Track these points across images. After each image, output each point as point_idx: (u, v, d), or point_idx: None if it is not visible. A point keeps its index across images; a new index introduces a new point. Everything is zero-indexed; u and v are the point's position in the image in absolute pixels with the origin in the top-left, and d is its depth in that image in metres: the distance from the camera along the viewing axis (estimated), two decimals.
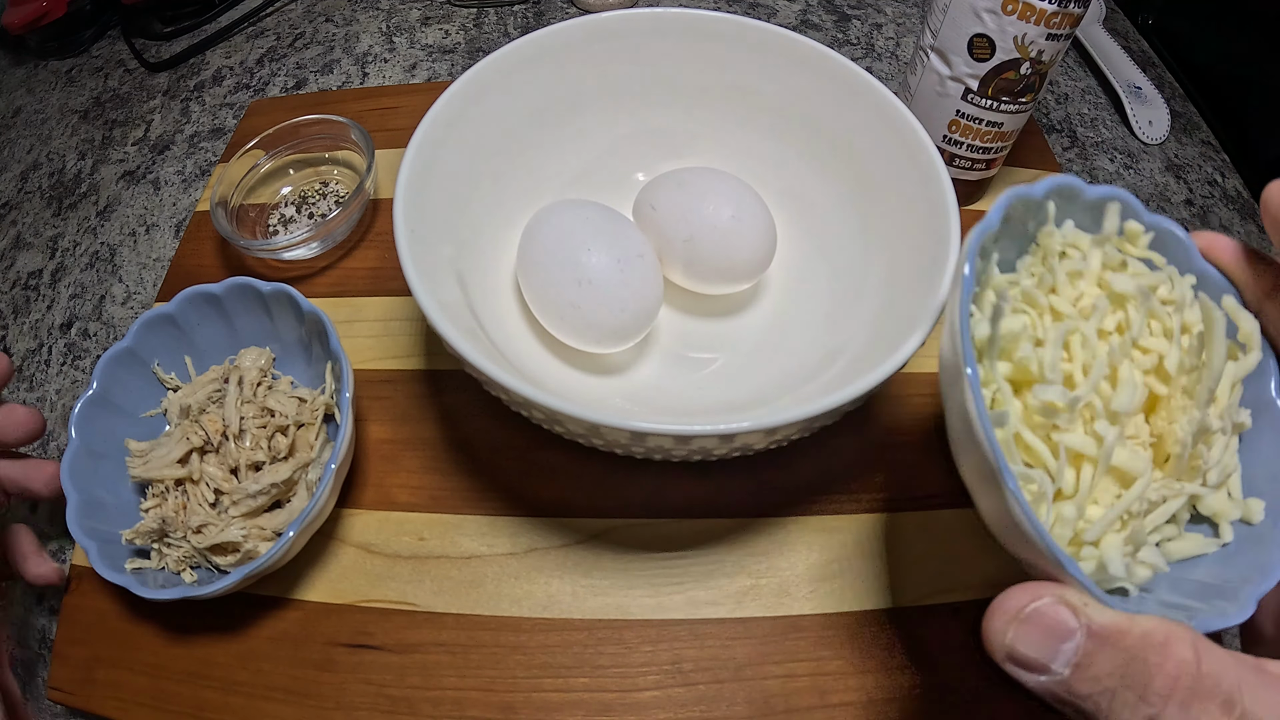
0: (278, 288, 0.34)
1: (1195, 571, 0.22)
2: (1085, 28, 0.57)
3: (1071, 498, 0.21)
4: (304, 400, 0.33)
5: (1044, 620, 0.17)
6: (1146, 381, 0.22)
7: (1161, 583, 0.21)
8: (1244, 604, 0.19)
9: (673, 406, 0.34)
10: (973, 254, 0.21)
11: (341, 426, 0.31)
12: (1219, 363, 0.21)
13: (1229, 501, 0.22)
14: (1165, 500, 0.21)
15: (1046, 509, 0.20)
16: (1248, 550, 0.21)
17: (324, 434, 0.33)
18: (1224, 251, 0.24)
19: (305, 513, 0.29)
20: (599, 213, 0.33)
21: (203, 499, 0.31)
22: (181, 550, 0.31)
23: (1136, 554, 0.21)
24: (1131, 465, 0.21)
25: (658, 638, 0.31)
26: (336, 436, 0.32)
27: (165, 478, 0.31)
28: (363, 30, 0.57)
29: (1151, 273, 0.23)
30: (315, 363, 0.35)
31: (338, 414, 0.32)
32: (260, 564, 0.28)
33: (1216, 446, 0.22)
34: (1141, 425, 0.22)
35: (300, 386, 0.35)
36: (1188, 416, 0.21)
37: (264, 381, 0.34)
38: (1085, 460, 0.21)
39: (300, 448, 0.33)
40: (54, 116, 0.53)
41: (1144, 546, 0.21)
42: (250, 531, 0.30)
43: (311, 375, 0.35)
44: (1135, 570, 0.21)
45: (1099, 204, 0.24)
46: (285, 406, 0.33)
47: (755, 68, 0.36)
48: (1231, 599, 0.20)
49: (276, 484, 0.31)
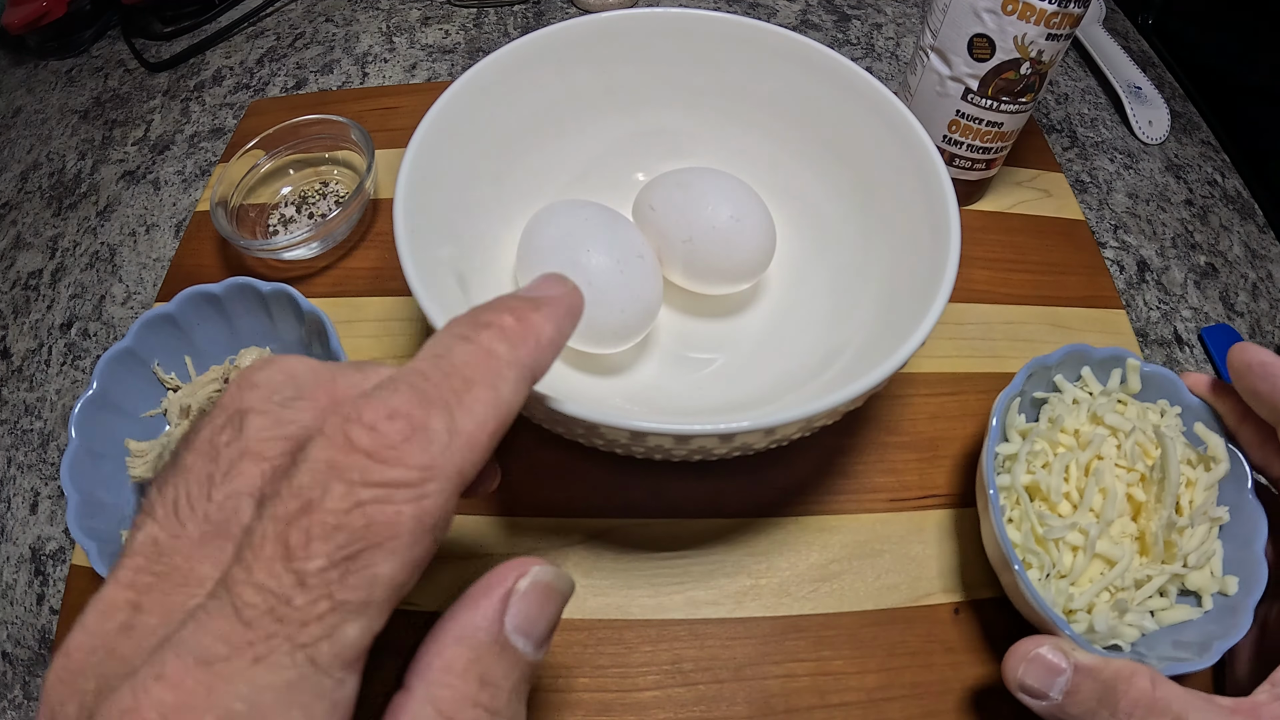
0: (278, 288, 0.34)
1: (1185, 633, 0.28)
2: (1085, 28, 0.57)
3: (1066, 576, 0.29)
4: None
5: (1043, 661, 0.25)
6: (1129, 492, 0.30)
7: (1161, 641, 0.28)
8: (1212, 654, 0.26)
9: (673, 406, 0.34)
10: (999, 410, 0.31)
11: None
12: (1175, 477, 0.29)
13: (1209, 578, 0.29)
14: (1150, 579, 0.28)
15: (1047, 583, 0.28)
16: (1224, 615, 0.28)
17: None
18: (1203, 388, 0.31)
19: None
20: (598, 213, 0.33)
21: None
22: None
23: (1123, 618, 0.28)
24: (1112, 553, 0.28)
25: (658, 638, 0.31)
26: None
27: None
28: (363, 30, 0.57)
29: (1145, 408, 0.32)
30: None
31: None
32: None
33: (1193, 537, 0.29)
34: (1129, 523, 0.30)
35: None
36: (1158, 517, 0.29)
37: None
38: (1077, 550, 0.29)
39: None
40: (54, 116, 0.53)
41: (1129, 613, 0.28)
42: None
43: None
44: (1123, 630, 0.28)
45: (1106, 361, 0.33)
46: None
47: (755, 68, 0.36)
48: (1205, 650, 0.26)
49: None
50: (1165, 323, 0.43)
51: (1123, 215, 0.48)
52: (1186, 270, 0.46)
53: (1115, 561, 0.28)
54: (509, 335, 0.15)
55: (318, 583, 0.12)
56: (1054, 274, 0.42)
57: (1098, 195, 0.48)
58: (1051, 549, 0.29)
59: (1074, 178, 0.49)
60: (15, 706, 0.32)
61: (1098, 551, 0.29)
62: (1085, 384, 0.33)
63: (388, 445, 0.12)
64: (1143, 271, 0.45)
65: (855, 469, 0.35)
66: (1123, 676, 0.23)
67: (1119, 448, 0.31)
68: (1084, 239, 0.44)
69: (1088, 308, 0.41)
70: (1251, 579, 0.28)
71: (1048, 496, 0.30)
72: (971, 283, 0.41)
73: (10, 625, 0.34)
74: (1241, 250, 0.47)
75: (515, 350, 0.15)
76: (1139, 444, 0.30)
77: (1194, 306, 0.44)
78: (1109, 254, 0.46)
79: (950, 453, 0.36)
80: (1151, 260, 0.46)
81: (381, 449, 0.12)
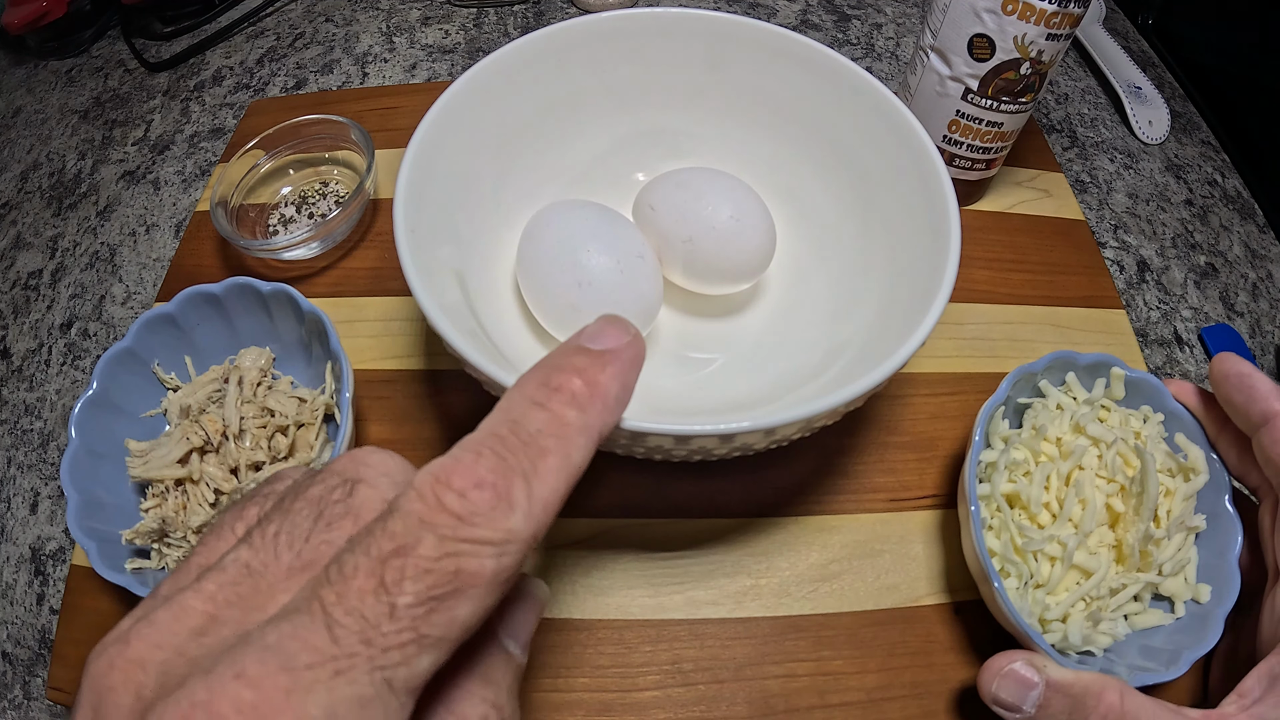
0: (278, 288, 0.34)
1: (1155, 639, 0.29)
2: (1085, 28, 0.57)
3: (1043, 586, 0.29)
4: (304, 400, 0.33)
5: (1016, 676, 0.26)
6: (1108, 502, 0.30)
7: (1130, 646, 0.29)
8: (1181, 665, 0.27)
9: (673, 406, 0.34)
10: (983, 422, 0.31)
11: (341, 426, 0.31)
12: (1154, 492, 0.29)
13: (1183, 585, 0.29)
14: (1125, 587, 0.29)
15: (1025, 592, 0.29)
16: (1195, 624, 0.29)
17: (324, 434, 0.33)
18: (1186, 395, 0.32)
19: None
20: (598, 213, 0.33)
21: (203, 499, 0.31)
22: (182, 550, 0.30)
23: (1097, 627, 0.28)
24: (1089, 564, 0.29)
25: (658, 638, 0.31)
26: (336, 436, 0.32)
27: (165, 478, 0.31)
28: (363, 30, 0.57)
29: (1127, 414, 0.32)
30: (315, 363, 0.35)
31: (338, 414, 0.32)
32: None
33: (1169, 546, 0.29)
34: (1107, 533, 0.30)
35: (300, 386, 0.35)
36: (1135, 528, 0.29)
37: (264, 381, 0.34)
38: (1055, 560, 0.29)
39: (300, 448, 0.33)
40: (54, 116, 0.53)
41: (1103, 621, 0.28)
42: None
43: (311, 375, 0.35)
44: (1096, 639, 0.28)
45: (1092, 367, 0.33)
46: (285, 406, 0.33)
47: (755, 67, 0.36)
48: (1174, 661, 0.27)
49: None
50: (1165, 323, 0.43)
51: (1123, 215, 0.48)
52: (1186, 270, 0.46)
53: (1092, 572, 0.29)
54: (579, 401, 0.17)
55: (406, 615, 0.13)
56: (1054, 274, 0.42)
57: (1098, 195, 0.49)
58: (1029, 559, 0.29)
59: (1074, 178, 0.49)
60: (15, 706, 0.32)
61: (1075, 563, 0.29)
62: (1070, 389, 0.33)
63: (476, 512, 0.14)
64: (1143, 271, 0.45)
65: (855, 469, 0.35)
66: (1092, 692, 0.25)
67: (1100, 458, 0.31)
68: (1084, 239, 0.44)
69: (1088, 308, 0.41)
70: (1224, 589, 0.29)
71: (1027, 506, 0.30)
72: (971, 283, 0.41)
73: (10, 625, 0.34)
74: (1241, 250, 0.47)
75: (585, 416, 0.17)
76: (1120, 454, 0.31)
77: (1194, 306, 0.44)
78: (1109, 254, 0.46)
79: (950, 452, 0.36)
80: (1151, 260, 0.46)
81: (470, 515, 0.14)
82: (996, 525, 0.30)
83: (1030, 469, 0.31)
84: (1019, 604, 0.28)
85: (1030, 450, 0.31)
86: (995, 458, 0.31)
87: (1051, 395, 0.33)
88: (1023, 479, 0.31)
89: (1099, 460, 0.31)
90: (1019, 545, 0.29)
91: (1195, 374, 0.42)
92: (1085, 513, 0.29)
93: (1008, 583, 0.29)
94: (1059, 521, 0.30)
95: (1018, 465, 0.31)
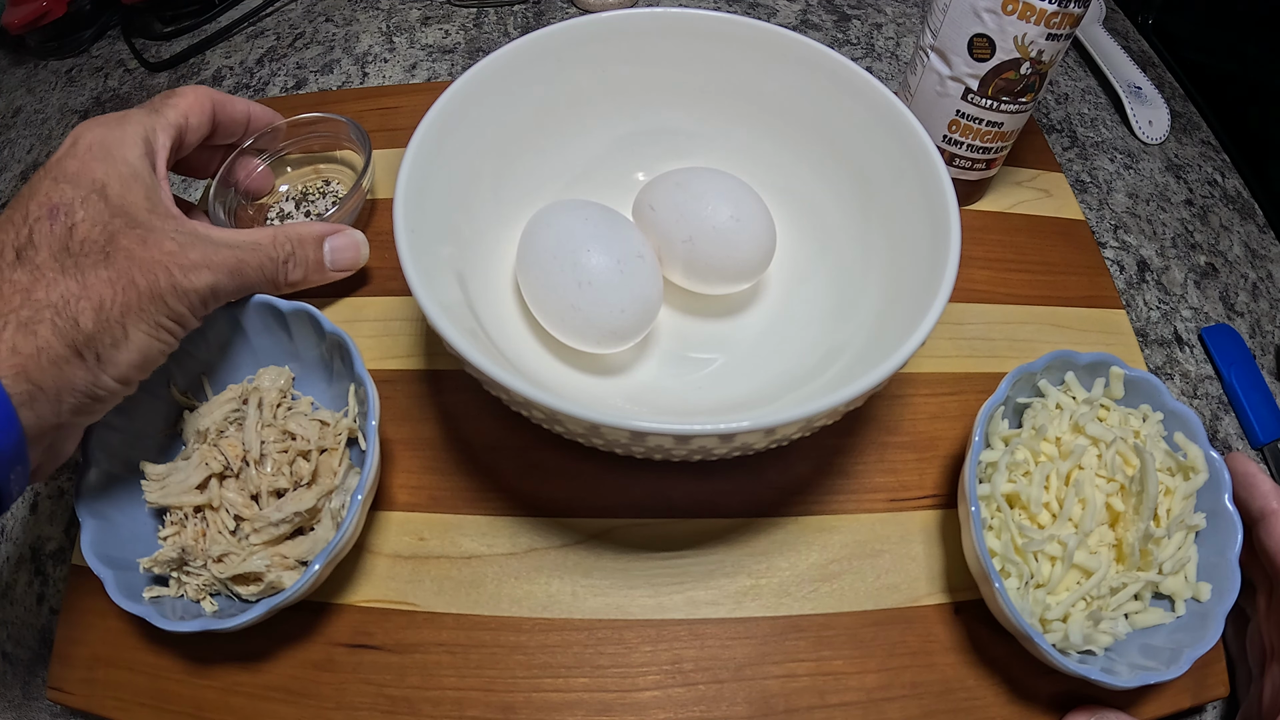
0: (298, 306, 0.33)
1: (1156, 638, 0.29)
2: (1085, 28, 0.57)
3: (1043, 586, 0.29)
4: (326, 423, 0.32)
5: None
6: (1108, 502, 0.30)
7: (1131, 645, 0.29)
8: (1182, 664, 0.27)
9: (673, 406, 0.34)
10: (982, 423, 0.31)
11: (368, 457, 0.29)
12: (1153, 491, 0.29)
13: (1184, 584, 0.29)
14: (1125, 586, 0.29)
15: (1026, 592, 0.29)
16: (1196, 622, 0.29)
17: (347, 458, 0.32)
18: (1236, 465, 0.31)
19: (331, 545, 0.28)
20: (598, 213, 0.33)
21: (223, 526, 0.30)
22: (201, 578, 0.29)
23: (1098, 626, 0.28)
24: (1089, 563, 0.29)
25: (658, 638, 0.31)
26: (362, 463, 0.30)
27: (184, 504, 0.30)
28: (363, 30, 0.57)
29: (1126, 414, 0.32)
30: (336, 381, 0.34)
31: (362, 440, 0.31)
32: (285, 597, 0.27)
33: (1169, 545, 0.29)
34: (1107, 532, 0.30)
35: (321, 408, 0.34)
36: (1135, 527, 0.29)
37: (284, 403, 0.33)
38: (1055, 560, 0.29)
39: (323, 474, 0.31)
40: (54, 116, 0.53)
41: (1104, 621, 0.28)
42: (273, 561, 0.29)
43: (332, 395, 0.34)
44: (1097, 638, 0.28)
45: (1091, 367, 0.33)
46: (307, 430, 0.32)
47: (755, 67, 0.36)
48: (1175, 660, 0.27)
49: (300, 513, 0.30)
50: (1165, 323, 0.43)
51: (1123, 215, 0.48)
52: (1186, 270, 0.46)
53: (1092, 572, 0.29)
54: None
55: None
56: (1054, 274, 0.42)
57: (1098, 195, 0.49)
58: (1030, 559, 0.29)
59: (1074, 178, 0.49)
60: (15, 707, 0.32)
61: (1075, 562, 0.29)
62: (1069, 389, 0.33)
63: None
64: (1143, 271, 0.45)
65: (855, 469, 0.35)
66: None
67: (1100, 457, 0.31)
68: (1084, 239, 0.44)
69: (1088, 308, 0.41)
70: (1224, 587, 0.29)
71: (1027, 506, 0.30)
72: (971, 283, 0.41)
73: (10, 625, 0.34)
74: (1241, 250, 0.47)
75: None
76: (1120, 453, 0.31)
77: (1194, 306, 0.44)
78: (1109, 254, 0.46)
79: (949, 452, 0.36)
80: (1151, 260, 0.46)
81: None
82: (997, 525, 0.30)
83: (1030, 469, 0.31)
84: (1020, 604, 0.28)
85: (1030, 450, 0.31)
86: (995, 458, 0.31)
87: (1051, 395, 0.33)
88: (1022, 479, 0.31)
89: (1099, 460, 0.31)
90: (1019, 545, 0.29)
91: (1195, 374, 0.42)
92: (1085, 512, 0.30)
93: (1008, 583, 0.29)
94: (1059, 521, 0.30)
95: (1018, 465, 0.31)
